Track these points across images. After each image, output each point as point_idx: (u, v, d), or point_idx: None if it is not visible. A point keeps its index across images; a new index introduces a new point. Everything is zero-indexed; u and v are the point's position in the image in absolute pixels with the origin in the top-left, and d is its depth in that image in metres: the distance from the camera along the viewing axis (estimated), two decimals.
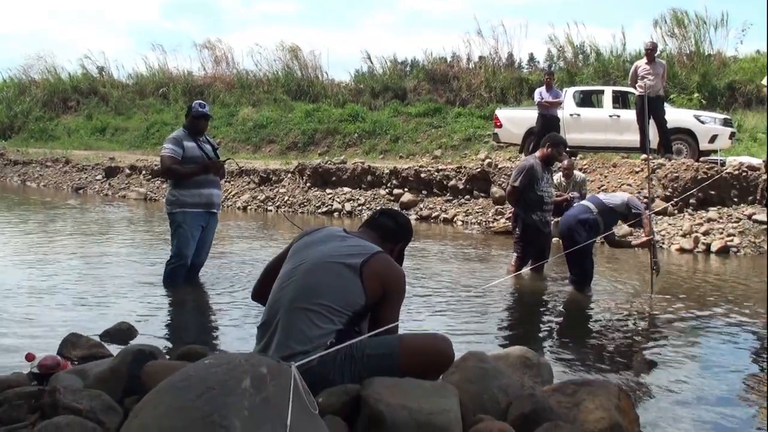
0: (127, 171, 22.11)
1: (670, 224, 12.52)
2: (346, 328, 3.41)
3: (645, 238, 7.95)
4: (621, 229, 9.60)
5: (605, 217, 7.98)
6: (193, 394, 2.42)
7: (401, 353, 3.40)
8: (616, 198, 8.27)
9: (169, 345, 5.34)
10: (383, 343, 3.43)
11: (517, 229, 8.74)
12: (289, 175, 18.47)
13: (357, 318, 3.48)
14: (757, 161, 13.62)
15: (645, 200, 12.80)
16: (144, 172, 21.52)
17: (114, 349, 4.71)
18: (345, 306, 3.42)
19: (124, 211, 16.44)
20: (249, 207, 17.72)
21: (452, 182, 16.07)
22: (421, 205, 16.06)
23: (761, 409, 4.47)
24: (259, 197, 18.08)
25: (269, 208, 17.51)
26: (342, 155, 21.45)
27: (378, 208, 15.70)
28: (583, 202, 8.52)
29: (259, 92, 30.15)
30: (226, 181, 18.84)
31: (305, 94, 29.50)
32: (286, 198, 17.68)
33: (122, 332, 5.39)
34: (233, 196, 18.56)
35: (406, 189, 16.59)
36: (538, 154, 8.80)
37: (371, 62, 30.74)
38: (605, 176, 14.45)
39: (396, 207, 16.19)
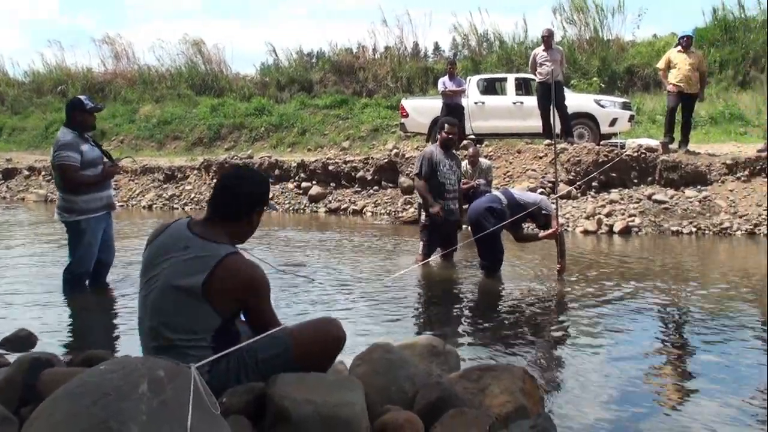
0: (26, 172, 21.38)
1: (574, 207, 12.80)
2: (217, 345, 3.27)
3: (551, 230, 8.09)
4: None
5: (513, 211, 8.09)
6: (88, 401, 2.38)
7: (294, 347, 3.38)
8: (529, 197, 8.39)
9: (71, 351, 5.14)
10: (274, 342, 3.37)
11: (422, 218, 8.80)
12: (195, 171, 18.23)
13: (224, 330, 3.32)
14: (654, 143, 14.03)
15: (550, 184, 13.10)
16: (44, 173, 20.76)
17: (14, 357, 4.53)
18: (202, 331, 3.26)
19: (22, 213, 15.92)
20: (154, 206, 17.40)
21: (360, 174, 16.10)
22: (330, 198, 16.06)
23: (664, 387, 4.62)
24: (164, 195, 17.77)
25: (175, 206, 17.22)
26: (249, 150, 21.26)
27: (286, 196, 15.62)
28: (495, 192, 8.67)
29: (162, 88, 29.50)
30: (129, 180, 18.53)
31: (210, 89, 29.01)
32: (193, 195, 17.43)
33: (21, 339, 5.22)
34: (137, 194, 18.19)
35: (314, 182, 16.54)
36: (438, 141, 8.88)
37: (276, 55, 30.51)
38: (510, 162, 14.67)
39: (305, 200, 16.17)
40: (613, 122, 16.05)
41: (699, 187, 12.80)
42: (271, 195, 3.86)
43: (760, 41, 21.50)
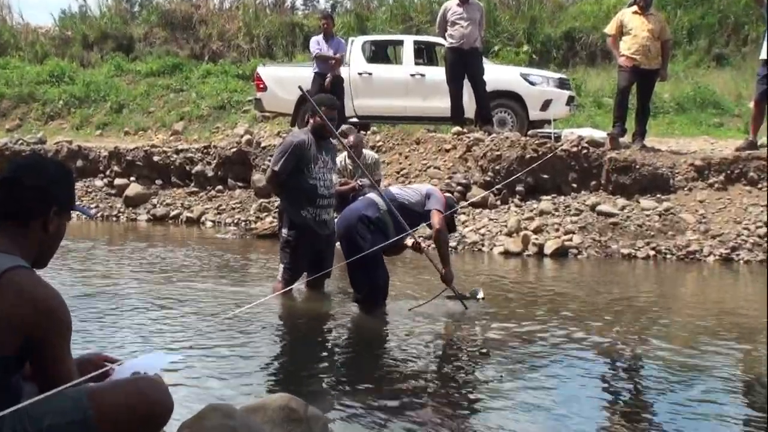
0: None
1: (491, 219, 12.96)
2: None
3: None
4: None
5: (397, 217, 8.04)
6: None
7: (96, 413, 3.24)
8: (413, 191, 8.34)
9: None
10: (67, 403, 3.22)
11: (283, 231, 8.74)
12: None
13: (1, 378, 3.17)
14: (601, 134, 14.29)
15: (459, 187, 13.22)
16: None
17: None
18: None
19: None
20: None
21: (198, 168, 15.99)
22: (155, 201, 15.97)
23: None
24: None
25: None
26: (41, 131, 20.83)
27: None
28: (370, 195, 8.56)
29: None
30: None
31: None
32: None
33: None
34: None
35: (133, 178, 16.37)
36: (309, 127, 8.82)
37: (84, 0, 30.16)
38: (406, 157, 14.75)
39: (119, 204, 15.93)
40: (545, 105, 16.32)
41: (659, 195, 13.08)
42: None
43: (742, 3, 22.30)
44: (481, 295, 8.42)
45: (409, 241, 8.35)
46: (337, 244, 8.68)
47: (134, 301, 8.64)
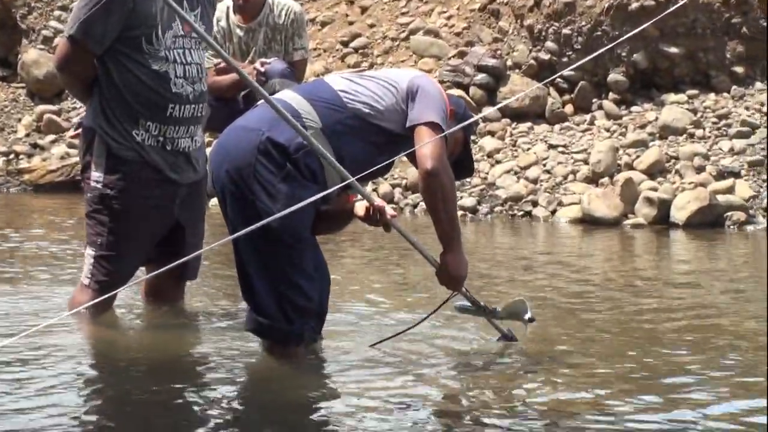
0: None
1: (553, 147, 12.73)
2: None
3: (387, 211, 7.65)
4: None
5: (344, 142, 7.62)
6: None
7: None
8: (379, 85, 7.87)
9: None
10: None
11: (95, 176, 8.37)
12: None
13: None
14: None
15: (481, 76, 12.91)
16: None
17: None
18: None
19: None
20: None
21: None
22: None
23: None
24: None
25: None
26: None
27: None
28: (283, 95, 8.12)
29: None
30: None
31: None
32: None
33: None
34: None
35: None
36: None
37: None
38: (363, 9, 14.47)
39: None
40: None
41: None
42: None
43: None
44: (528, 314, 8.06)
45: (359, 208, 7.74)
46: (213, 200, 8.36)
47: None
